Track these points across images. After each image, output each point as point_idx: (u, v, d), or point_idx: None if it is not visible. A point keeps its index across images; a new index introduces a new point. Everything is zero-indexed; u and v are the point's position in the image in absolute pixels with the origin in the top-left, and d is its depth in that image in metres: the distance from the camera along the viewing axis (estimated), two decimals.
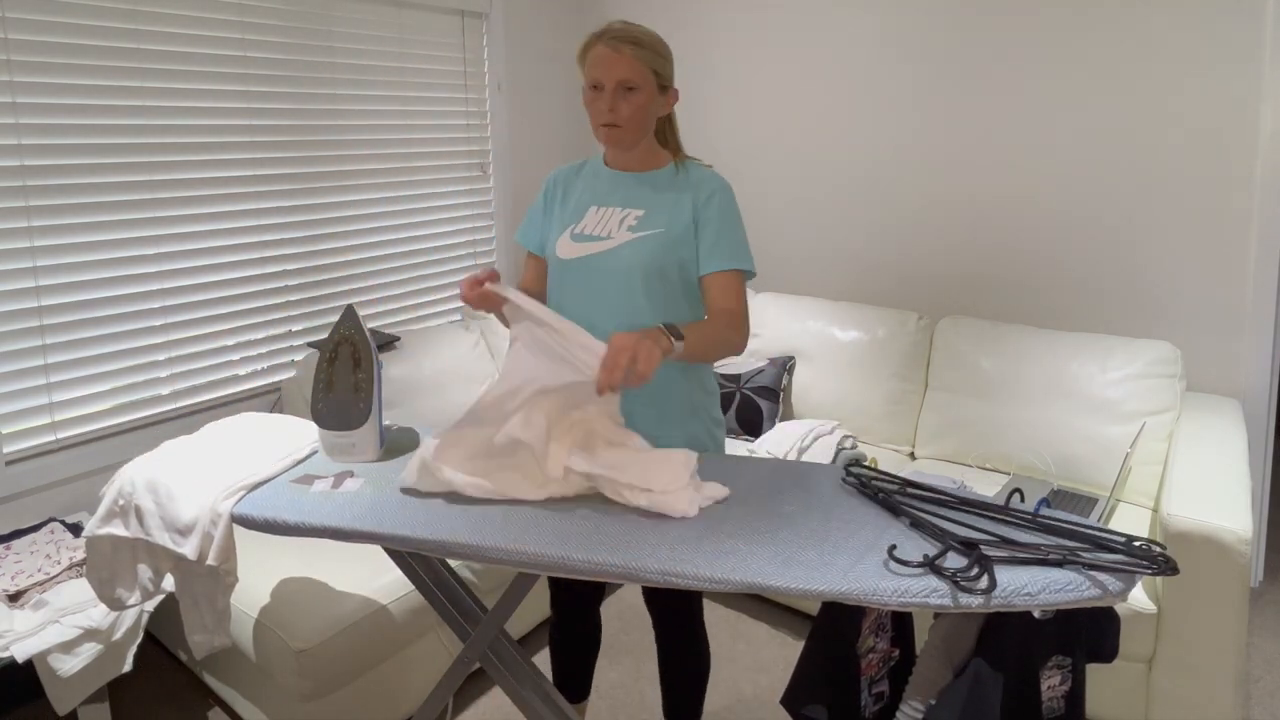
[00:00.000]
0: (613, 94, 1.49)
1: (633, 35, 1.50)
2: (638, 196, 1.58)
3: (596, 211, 1.60)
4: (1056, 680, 1.22)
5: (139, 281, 2.36)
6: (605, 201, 1.60)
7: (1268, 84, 2.30)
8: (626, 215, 1.57)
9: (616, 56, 1.48)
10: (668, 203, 1.56)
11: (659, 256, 1.53)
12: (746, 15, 3.28)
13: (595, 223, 1.58)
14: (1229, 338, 2.47)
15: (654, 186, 1.58)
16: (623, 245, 1.54)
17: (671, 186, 1.58)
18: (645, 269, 1.53)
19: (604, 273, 1.55)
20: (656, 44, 1.53)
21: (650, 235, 1.53)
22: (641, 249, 1.53)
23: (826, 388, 2.89)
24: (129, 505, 1.47)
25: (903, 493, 1.32)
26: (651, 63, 1.51)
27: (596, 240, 1.57)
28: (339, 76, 2.82)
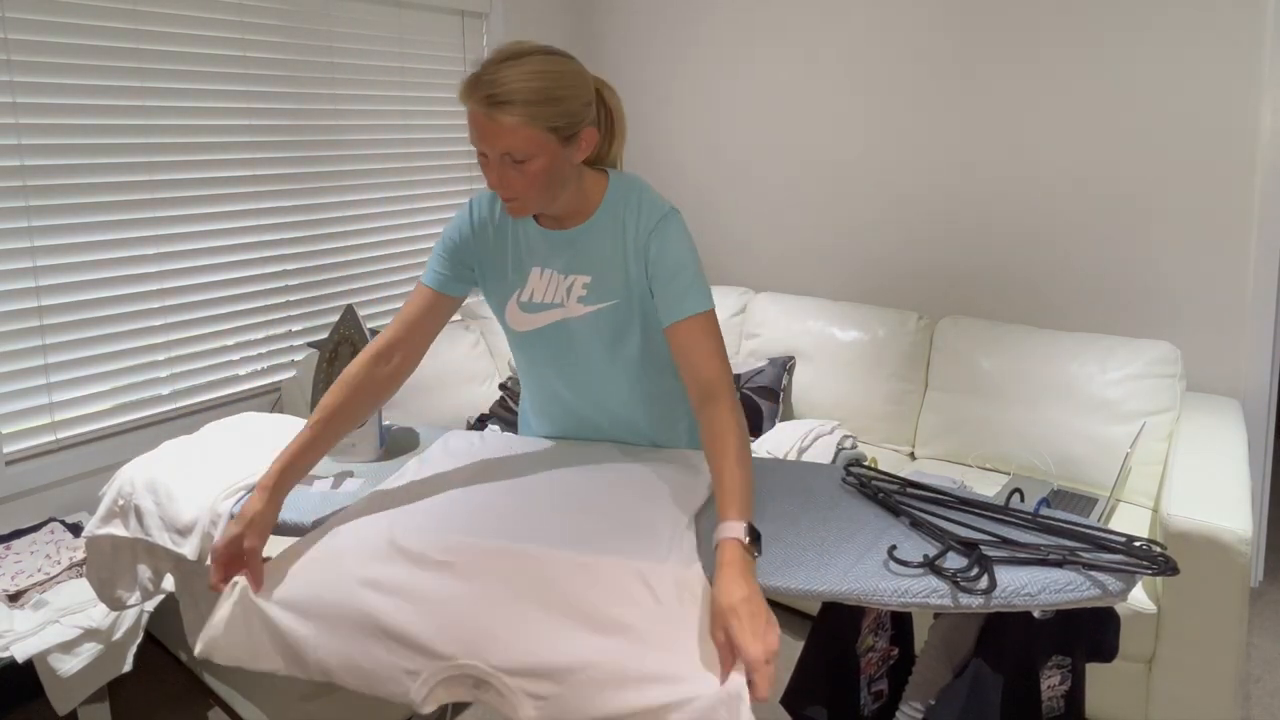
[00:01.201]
0: (499, 166, 1.20)
1: (509, 91, 1.14)
2: (578, 260, 1.35)
3: (540, 274, 1.37)
4: (1056, 680, 1.22)
5: (139, 281, 2.36)
6: (547, 263, 1.36)
7: (1268, 84, 2.30)
8: (573, 283, 1.35)
9: (492, 124, 1.16)
10: (612, 261, 1.34)
11: (621, 325, 1.36)
12: (746, 13, 3.28)
13: (543, 288, 1.37)
14: (1229, 338, 2.47)
15: (591, 242, 1.34)
16: (579, 318, 1.36)
17: (610, 237, 1.34)
18: (611, 343, 1.37)
19: (565, 343, 1.39)
20: (550, 89, 1.17)
21: (605, 309, 1.35)
22: (600, 322, 1.36)
23: (826, 388, 2.89)
24: (129, 505, 1.47)
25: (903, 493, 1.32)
26: (546, 121, 1.17)
27: (549, 309, 1.37)
28: (339, 76, 2.82)
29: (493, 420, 2.75)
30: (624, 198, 1.35)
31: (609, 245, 1.34)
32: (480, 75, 1.16)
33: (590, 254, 1.35)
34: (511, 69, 1.16)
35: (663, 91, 3.59)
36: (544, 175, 1.21)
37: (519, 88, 1.15)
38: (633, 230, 1.33)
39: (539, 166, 1.20)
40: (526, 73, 1.16)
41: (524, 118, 1.16)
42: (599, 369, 1.41)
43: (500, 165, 1.20)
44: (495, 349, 3.07)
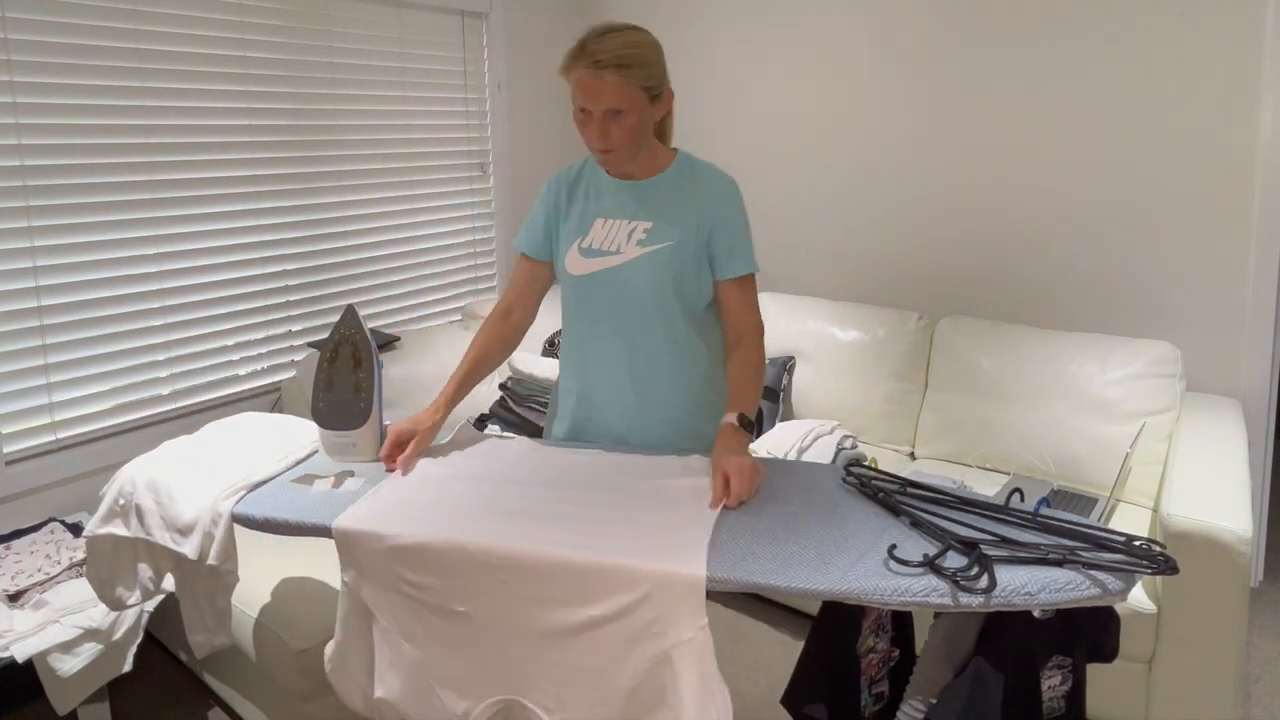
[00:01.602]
0: (602, 121, 1.42)
1: (616, 57, 1.38)
2: (644, 207, 1.53)
3: (603, 224, 1.54)
4: (1057, 680, 1.22)
5: (139, 281, 2.36)
6: (611, 214, 1.55)
7: (1268, 84, 2.31)
8: (635, 228, 1.52)
9: (600, 84, 1.39)
10: (675, 211, 1.52)
11: (672, 269, 1.50)
12: (748, 13, 3.28)
13: (603, 236, 1.54)
14: (1229, 338, 2.47)
15: (659, 194, 1.53)
16: (634, 260, 1.51)
17: (676, 191, 1.53)
18: (659, 283, 1.50)
19: (617, 288, 1.53)
20: (642, 55, 1.41)
21: (661, 249, 1.50)
22: (654, 263, 1.50)
23: (826, 388, 2.89)
24: (129, 505, 1.47)
25: (903, 493, 1.32)
26: (640, 80, 1.41)
27: (606, 255, 1.53)
28: (339, 76, 2.82)
29: (493, 420, 2.75)
30: (692, 162, 1.57)
31: (677, 197, 1.53)
32: (586, 45, 1.40)
33: (657, 203, 1.53)
34: (612, 39, 1.40)
35: None
36: (637, 128, 1.44)
37: (621, 53, 1.39)
38: (703, 187, 1.53)
39: (633, 120, 1.43)
40: (624, 41, 1.40)
41: (625, 77, 1.39)
42: (641, 312, 1.53)
43: (603, 120, 1.42)
44: None
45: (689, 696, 1.10)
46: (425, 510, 1.30)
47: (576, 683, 1.17)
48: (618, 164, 1.49)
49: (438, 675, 1.25)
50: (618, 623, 1.14)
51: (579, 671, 1.17)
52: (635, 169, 1.54)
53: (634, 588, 1.12)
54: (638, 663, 1.13)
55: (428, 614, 1.25)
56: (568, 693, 1.18)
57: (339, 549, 1.28)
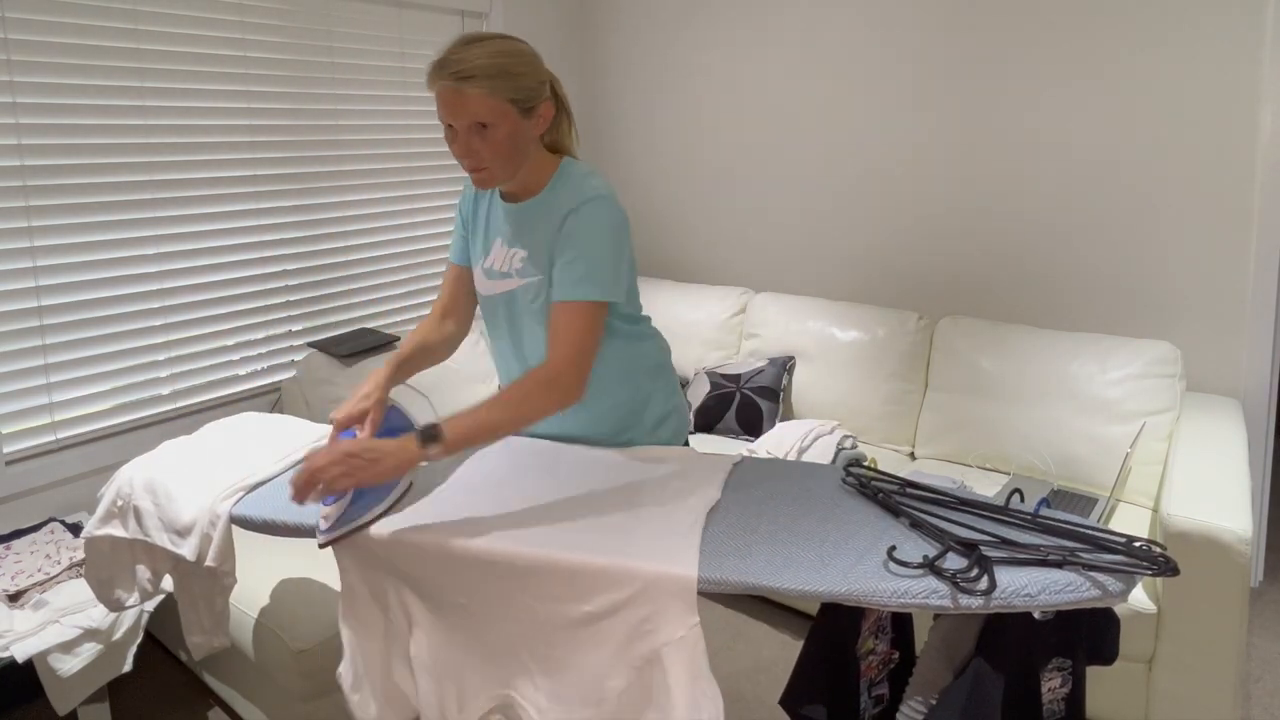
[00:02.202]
0: (465, 136, 1.33)
1: (477, 68, 1.29)
2: (520, 233, 1.47)
3: (499, 246, 1.51)
4: (1057, 682, 1.22)
5: (139, 281, 2.36)
6: (502, 234, 1.51)
7: (1268, 84, 2.30)
8: (514, 255, 1.48)
9: (460, 97, 1.30)
10: (541, 238, 1.44)
11: (544, 299, 1.47)
12: (745, 13, 3.28)
13: (500, 258, 1.51)
14: (1229, 338, 2.47)
15: (532, 219, 1.46)
16: (518, 289, 1.49)
17: (545, 215, 1.44)
18: (539, 312, 1.48)
19: (512, 310, 1.52)
20: (509, 65, 1.32)
21: (533, 282, 1.46)
22: (529, 293, 1.48)
23: (826, 388, 2.89)
24: (128, 506, 1.47)
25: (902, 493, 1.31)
26: (506, 93, 1.32)
27: (502, 278, 1.51)
28: (339, 76, 2.82)
29: None
30: (565, 177, 1.45)
31: (544, 222, 1.44)
32: (447, 57, 1.31)
33: (529, 229, 1.46)
34: (473, 49, 1.31)
35: (661, 90, 3.58)
36: (507, 144, 1.35)
37: (482, 64, 1.30)
38: (559, 207, 1.42)
39: (502, 135, 1.34)
40: (487, 51, 1.31)
41: (487, 89, 1.30)
42: (535, 335, 1.50)
43: (467, 136, 1.33)
44: None
45: (680, 696, 1.10)
46: (415, 511, 1.30)
47: (569, 681, 1.17)
48: (488, 183, 1.38)
49: (441, 667, 1.25)
50: (610, 619, 1.14)
51: (572, 669, 1.17)
52: (516, 188, 1.47)
53: (626, 585, 1.12)
54: (630, 661, 1.13)
55: (426, 604, 1.25)
56: (561, 691, 1.18)
57: (335, 547, 1.28)
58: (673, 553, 1.15)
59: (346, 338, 2.77)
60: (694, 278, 3.65)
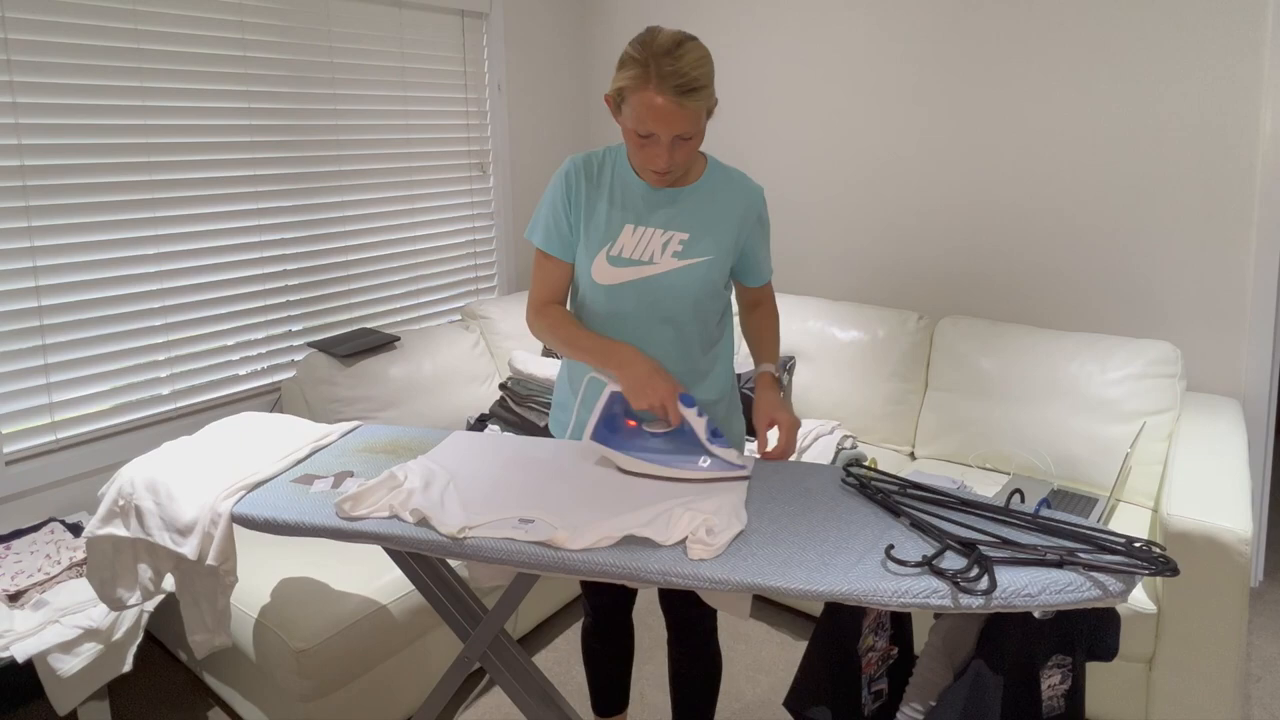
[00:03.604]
0: (669, 146, 1.35)
1: (691, 80, 1.29)
2: (679, 217, 1.47)
3: (634, 232, 1.47)
4: (1056, 679, 1.22)
5: (139, 281, 2.36)
6: (642, 220, 1.47)
7: (1268, 84, 2.30)
8: (669, 239, 1.46)
9: (678, 111, 1.30)
10: (710, 222, 1.48)
11: (707, 282, 1.48)
12: (746, 13, 3.28)
13: (634, 244, 1.46)
14: (1229, 338, 2.47)
15: (694, 203, 1.48)
16: (670, 272, 1.46)
17: (711, 201, 1.49)
18: (696, 295, 1.48)
19: (650, 299, 1.47)
20: (710, 73, 1.34)
21: (699, 263, 1.47)
22: (692, 277, 1.47)
23: (826, 388, 2.89)
24: (129, 505, 1.47)
25: (902, 493, 1.32)
26: (708, 101, 1.34)
27: (638, 265, 1.46)
28: (339, 76, 2.82)
29: (493, 420, 2.75)
30: (724, 170, 1.53)
31: (712, 207, 1.49)
32: (661, 65, 1.29)
33: (691, 213, 1.48)
34: (685, 58, 1.30)
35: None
36: (697, 147, 1.40)
37: (699, 74, 1.31)
38: (739, 198, 1.50)
39: (698, 140, 1.38)
40: (695, 59, 1.31)
41: (701, 101, 1.32)
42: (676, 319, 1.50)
43: (671, 145, 1.35)
44: (495, 349, 3.07)
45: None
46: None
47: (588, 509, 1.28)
48: (672, 183, 1.46)
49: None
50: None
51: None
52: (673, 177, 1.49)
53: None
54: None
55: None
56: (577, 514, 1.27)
57: None
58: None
59: (346, 338, 2.77)
60: None
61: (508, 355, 3.03)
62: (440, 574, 1.58)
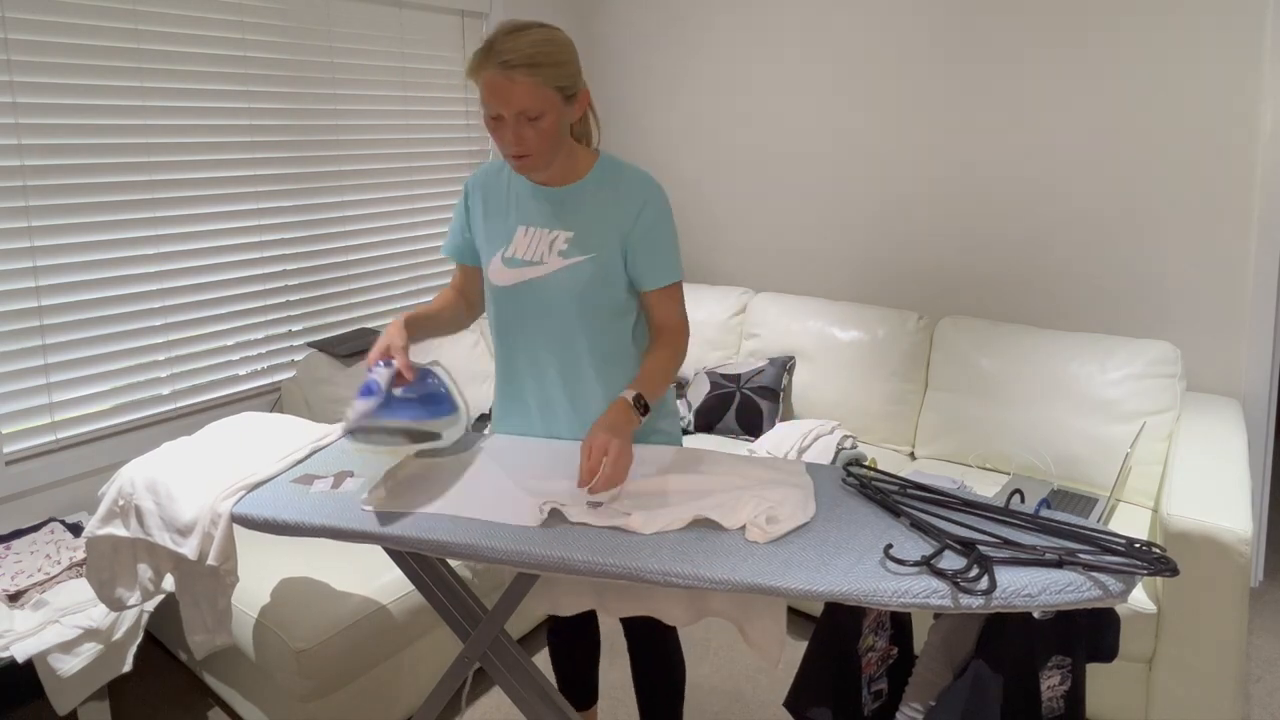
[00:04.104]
0: (515, 125, 1.35)
1: (527, 56, 1.31)
2: (564, 215, 1.49)
3: (525, 233, 1.50)
4: (1056, 680, 1.22)
5: (139, 281, 2.36)
6: (532, 221, 1.50)
7: (1268, 84, 2.30)
8: (555, 238, 1.48)
9: (510, 85, 1.31)
10: (596, 221, 1.48)
11: (593, 282, 1.48)
12: (746, 14, 3.28)
13: (525, 245, 1.50)
14: (1229, 338, 2.47)
15: (579, 201, 1.48)
16: (556, 272, 1.48)
17: (597, 198, 1.48)
18: (580, 295, 1.48)
19: (539, 299, 1.50)
20: (554, 54, 1.34)
21: (583, 262, 1.47)
22: (576, 275, 1.47)
23: (826, 388, 2.89)
24: (129, 505, 1.47)
25: (903, 494, 1.32)
26: (553, 80, 1.34)
27: (529, 265, 1.50)
28: (339, 76, 2.82)
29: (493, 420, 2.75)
30: (615, 167, 1.51)
31: (597, 205, 1.48)
32: (495, 44, 1.32)
33: (577, 211, 1.49)
34: (522, 38, 1.32)
35: (662, 92, 3.59)
36: (553, 131, 1.37)
37: (531, 52, 1.32)
38: (625, 195, 1.48)
39: (549, 123, 1.36)
40: (535, 39, 1.33)
41: (537, 76, 1.32)
42: (565, 321, 1.51)
43: (516, 124, 1.35)
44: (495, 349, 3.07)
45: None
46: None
47: None
48: (533, 169, 1.42)
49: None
50: None
51: None
52: (553, 174, 1.49)
53: None
54: None
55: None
56: None
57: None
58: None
59: (346, 338, 2.77)
60: (694, 278, 3.65)
61: None
62: (440, 574, 1.58)
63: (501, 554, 1.20)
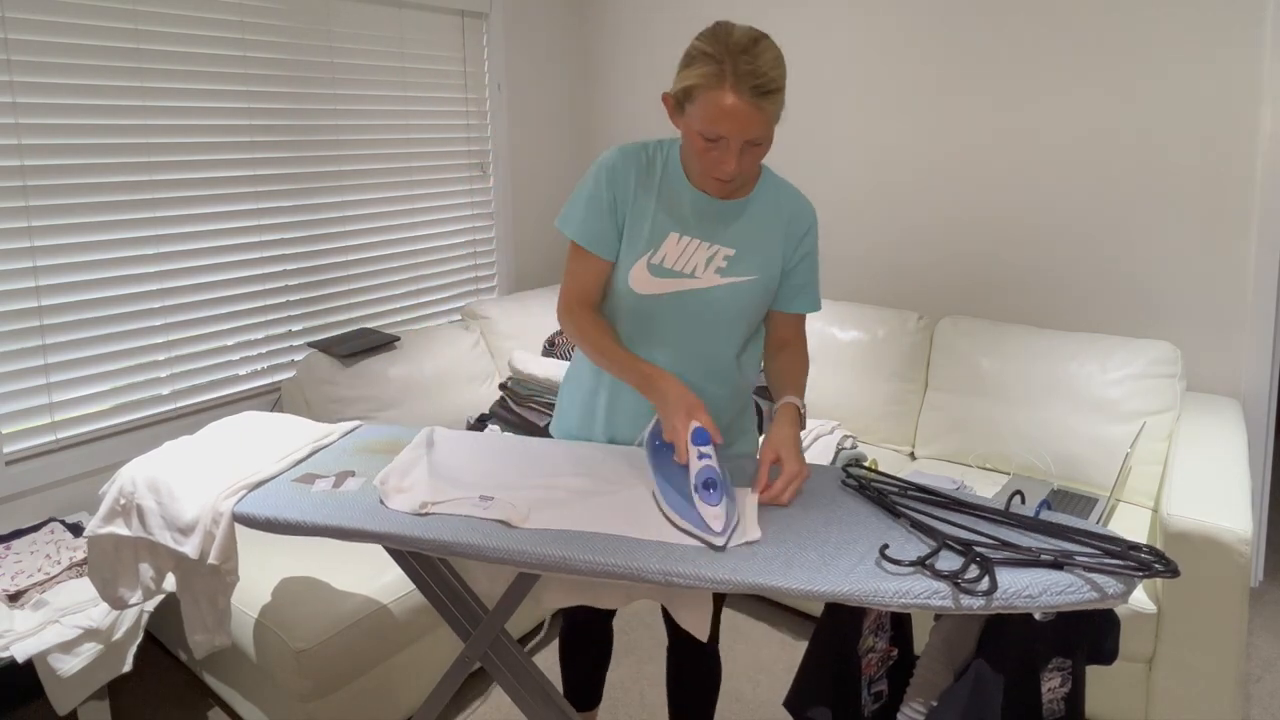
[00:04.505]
0: (739, 151, 1.26)
1: (769, 81, 1.21)
2: (728, 232, 1.39)
3: (678, 241, 1.38)
4: (1057, 682, 1.22)
5: (139, 281, 2.36)
6: (689, 230, 1.39)
7: (1268, 84, 2.31)
8: (715, 253, 1.38)
9: (754, 114, 1.22)
10: (760, 240, 1.40)
11: (751, 303, 1.42)
12: (748, 11, 3.28)
13: (677, 255, 1.38)
14: (1229, 338, 2.47)
15: (745, 218, 1.40)
16: (713, 289, 1.39)
17: (762, 217, 1.41)
18: (736, 314, 1.42)
19: (690, 311, 1.41)
20: (784, 76, 1.26)
21: (745, 283, 1.40)
22: (735, 295, 1.40)
23: (826, 388, 2.89)
24: (130, 505, 1.47)
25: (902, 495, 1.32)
26: (781, 107, 1.27)
27: (680, 277, 1.39)
28: (339, 76, 2.82)
29: (493, 420, 2.75)
30: (777, 184, 1.44)
31: (762, 224, 1.41)
32: (739, 63, 1.21)
33: (741, 229, 1.40)
34: (762, 58, 1.22)
35: (661, 91, 3.58)
36: (765, 155, 1.32)
37: (776, 75, 1.23)
38: (789, 215, 1.42)
39: (767, 148, 1.30)
40: (775, 59, 1.24)
41: (779, 104, 1.25)
42: (711, 335, 1.44)
43: (741, 151, 1.26)
44: (495, 349, 3.07)
45: None
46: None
47: None
48: (736, 193, 1.36)
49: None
50: None
51: None
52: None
53: None
54: None
55: None
56: None
57: None
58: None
59: (346, 338, 2.77)
60: None
61: (508, 355, 3.03)
62: (440, 574, 1.58)
63: (502, 554, 1.20)
